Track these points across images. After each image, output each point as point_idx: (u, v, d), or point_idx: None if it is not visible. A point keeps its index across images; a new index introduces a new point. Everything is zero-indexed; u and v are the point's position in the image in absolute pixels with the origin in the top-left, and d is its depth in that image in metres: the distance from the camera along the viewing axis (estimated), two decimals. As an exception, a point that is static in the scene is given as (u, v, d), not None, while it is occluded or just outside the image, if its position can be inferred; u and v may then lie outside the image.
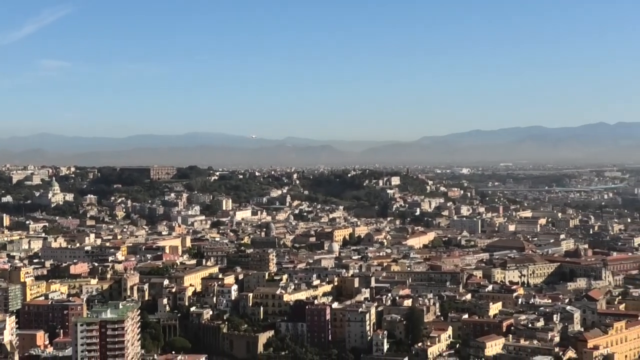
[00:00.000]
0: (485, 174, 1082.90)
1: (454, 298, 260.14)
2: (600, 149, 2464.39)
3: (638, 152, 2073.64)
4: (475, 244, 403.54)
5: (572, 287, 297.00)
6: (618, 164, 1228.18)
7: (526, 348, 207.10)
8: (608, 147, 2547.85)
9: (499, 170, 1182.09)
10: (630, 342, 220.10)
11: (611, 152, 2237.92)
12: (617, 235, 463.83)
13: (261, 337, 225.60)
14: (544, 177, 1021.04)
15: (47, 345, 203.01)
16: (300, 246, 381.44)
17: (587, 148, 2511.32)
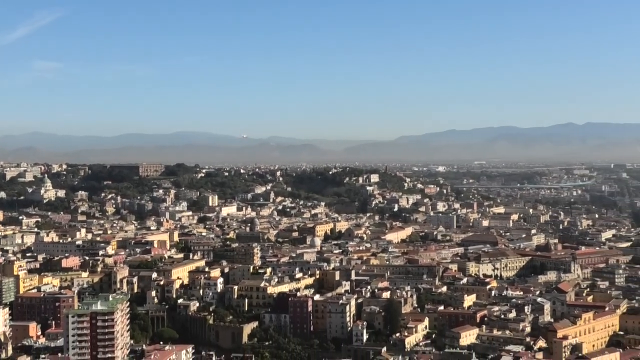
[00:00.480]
0: (460, 171, 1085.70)
1: (431, 290, 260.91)
2: (569, 148, 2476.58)
3: (605, 151, 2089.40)
4: (451, 239, 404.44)
5: (543, 279, 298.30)
6: (586, 163, 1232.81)
7: (499, 338, 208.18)
8: (577, 146, 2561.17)
9: (473, 168, 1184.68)
10: (598, 332, 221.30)
11: (580, 151, 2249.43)
12: (586, 230, 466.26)
13: (246, 328, 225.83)
14: (516, 174, 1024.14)
15: (39, 336, 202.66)
16: (283, 241, 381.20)
17: (557, 147, 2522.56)
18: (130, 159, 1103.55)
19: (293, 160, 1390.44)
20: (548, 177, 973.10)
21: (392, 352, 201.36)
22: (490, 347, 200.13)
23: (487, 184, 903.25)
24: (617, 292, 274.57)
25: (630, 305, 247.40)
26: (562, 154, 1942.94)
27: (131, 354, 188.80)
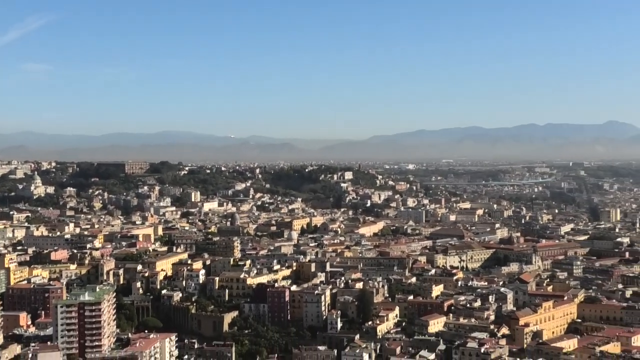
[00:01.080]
0: (429, 169, 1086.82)
1: (401, 281, 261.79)
2: (531, 147, 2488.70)
3: (565, 150, 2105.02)
4: (420, 233, 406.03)
5: (506, 270, 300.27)
6: (547, 161, 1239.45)
7: (465, 325, 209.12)
8: (538, 145, 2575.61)
9: (441, 167, 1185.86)
10: (557, 319, 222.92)
11: (541, 150, 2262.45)
12: (546, 225, 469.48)
13: (226, 317, 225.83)
14: (481, 172, 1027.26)
15: (29, 326, 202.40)
16: (262, 234, 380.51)
17: (520, 146, 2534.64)
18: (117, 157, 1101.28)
19: (272, 159, 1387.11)
20: (511, 175, 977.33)
21: (365, 339, 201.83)
22: (456, 334, 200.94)
23: (454, 181, 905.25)
24: (575, 282, 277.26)
25: (587, 294, 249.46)
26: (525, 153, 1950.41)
27: (117, 342, 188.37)
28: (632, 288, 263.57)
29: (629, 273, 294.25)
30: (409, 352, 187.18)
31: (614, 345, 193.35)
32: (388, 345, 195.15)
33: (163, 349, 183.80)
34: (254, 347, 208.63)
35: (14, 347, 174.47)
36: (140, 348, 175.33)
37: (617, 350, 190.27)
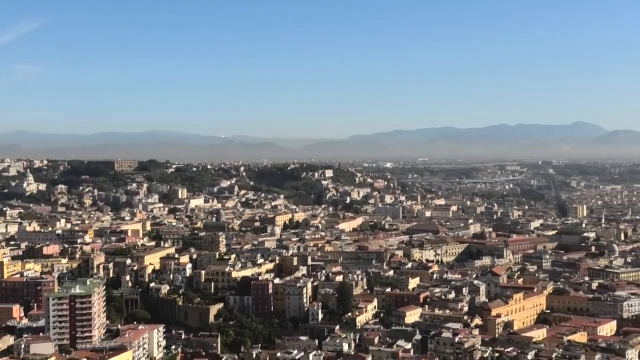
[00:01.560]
0: (406, 167, 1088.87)
1: (379, 274, 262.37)
2: (502, 146, 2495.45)
3: (534, 150, 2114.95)
4: (397, 228, 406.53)
5: (479, 264, 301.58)
6: (517, 160, 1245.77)
7: (440, 316, 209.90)
8: (509, 145, 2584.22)
9: (417, 165, 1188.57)
10: (527, 310, 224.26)
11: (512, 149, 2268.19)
12: (517, 220, 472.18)
13: (212, 309, 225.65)
14: (455, 170, 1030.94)
15: (22, 317, 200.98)
16: (246, 230, 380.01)
17: (492, 146, 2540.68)
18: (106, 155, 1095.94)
19: (255, 157, 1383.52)
20: (484, 173, 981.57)
21: (345, 330, 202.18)
22: (432, 324, 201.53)
23: (430, 178, 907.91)
24: (544, 275, 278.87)
25: (556, 286, 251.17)
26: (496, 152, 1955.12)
27: (107, 333, 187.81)
28: (598, 280, 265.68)
29: (595, 266, 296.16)
30: (387, 342, 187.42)
31: (580, 335, 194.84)
32: (367, 335, 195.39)
33: (151, 340, 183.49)
34: (238, 338, 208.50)
35: (7, 338, 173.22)
36: (129, 339, 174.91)
37: (584, 340, 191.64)
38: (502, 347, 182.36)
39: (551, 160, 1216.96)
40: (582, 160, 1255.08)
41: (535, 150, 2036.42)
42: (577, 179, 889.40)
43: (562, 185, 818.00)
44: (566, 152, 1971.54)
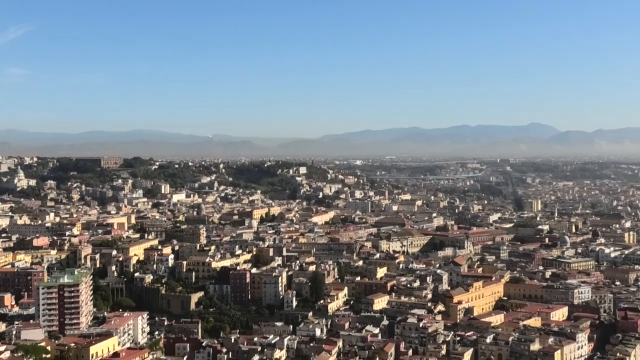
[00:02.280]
0: (374, 165, 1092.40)
1: (349, 264, 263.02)
2: (464, 145, 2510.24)
3: (493, 148, 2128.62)
4: (366, 221, 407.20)
5: (442, 254, 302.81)
6: (477, 158, 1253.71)
7: (405, 303, 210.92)
8: (470, 144, 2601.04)
9: (385, 162, 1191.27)
10: (486, 297, 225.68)
11: (472, 148, 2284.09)
12: (477, 214, 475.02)
13: (193, 297, 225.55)
14: (420, 168, 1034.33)
15: (13, 306, 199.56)
16: (225, 223, 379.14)
17: (454, 145, 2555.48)
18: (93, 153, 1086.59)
19: (234, 155, 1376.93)
20: (446, 170, 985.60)
21: (317, 316, 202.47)
22: (398, 311, 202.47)
23: (396, 175, 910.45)
24: (502, 264, 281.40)
25: (512, 275, 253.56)
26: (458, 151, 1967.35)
27: (94, 320, 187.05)
28: (551, 270, 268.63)
29: (548, 256, 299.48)
30: (357, 327, 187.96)
31: (535, 320, 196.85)
32: (338, 321, 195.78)
33: (136, 326, 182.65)
34: (218, 324, 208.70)
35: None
36: (115, 325, 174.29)
37: (538, 324, 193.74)
38: (463, 331, 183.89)
39: (508, 158, 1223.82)
40: (537, 159, 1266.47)
41: (493, 149, 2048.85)
42: (532, 175, 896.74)
43: (519, 181, 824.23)
44: (522, 151, 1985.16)
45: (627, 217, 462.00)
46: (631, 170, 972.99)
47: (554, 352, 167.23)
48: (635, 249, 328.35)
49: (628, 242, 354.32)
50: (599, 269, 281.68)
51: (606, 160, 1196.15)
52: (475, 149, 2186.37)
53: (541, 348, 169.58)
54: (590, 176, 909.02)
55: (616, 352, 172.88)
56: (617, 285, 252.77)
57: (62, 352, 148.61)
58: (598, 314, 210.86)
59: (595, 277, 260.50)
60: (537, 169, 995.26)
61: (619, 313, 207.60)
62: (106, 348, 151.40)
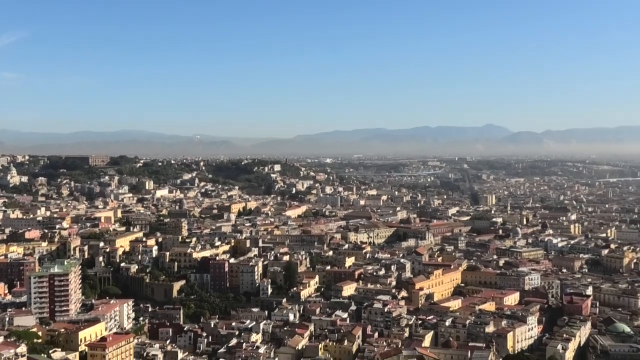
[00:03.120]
0: (343, 163, 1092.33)
1: (320, 254, 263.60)
2: (425, 145, 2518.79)
3: (452, 148, 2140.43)
4: (336, 214, 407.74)
5: (405, 245, 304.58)
6: (437, 156, 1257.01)
7: (372, 290, 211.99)
8: (430, 144, 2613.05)
9: (353, 161, 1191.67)
10: (446, 284, 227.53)
11: (433, 147, 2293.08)
12: (437, 208, 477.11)
13: (175, 285, 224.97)
14: (385, 165, 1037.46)
15: (6, 294, 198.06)
16: (205, 216, 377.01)
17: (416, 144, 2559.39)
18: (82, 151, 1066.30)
19: (213, 154, 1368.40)
20: (409, 168, 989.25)
21: (291, 302, 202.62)
22: (365, 297, 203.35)
23: (364, 172, 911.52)
24: (460, 254, 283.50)
25: (469, 263, 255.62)
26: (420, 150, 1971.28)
27: (83, 307, 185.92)
28: (504, 258, 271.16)
29: (502, 246, 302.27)
30: (327, 312, 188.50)
31: (489, 304, 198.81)
32: (309, 306, 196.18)
33: (122, 312, 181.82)
34: (198, 310, 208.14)
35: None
36: (102, 312, 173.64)
37: (492, 309, 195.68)
38: (424, 315, 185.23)
39: (466, 157, 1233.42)
40: (491, 157, 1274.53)
41: (452, 149, 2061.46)
42: (487, 173, 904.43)
43: (475, 178, 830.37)
44: (478, 150, 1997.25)
45: (573, 211, 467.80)
46: (576, 168, 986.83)
47: (507, 334, 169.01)
48: (580, 239, 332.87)
49: (574, 233, 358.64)
50: (548, 258, 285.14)
51: (554, 158, 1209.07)
52: (436, 148, 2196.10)
53: (495, 330, 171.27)
54: (540, 173, 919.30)
55: (563, 333, 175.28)
56: (564, 272, 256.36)
57: (52, 337, 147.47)
58: (546, 298, 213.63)
59: (544, 265, 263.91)
60: (492, 166, 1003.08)
61: (565, 298, 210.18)
62: (94, 333, 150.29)
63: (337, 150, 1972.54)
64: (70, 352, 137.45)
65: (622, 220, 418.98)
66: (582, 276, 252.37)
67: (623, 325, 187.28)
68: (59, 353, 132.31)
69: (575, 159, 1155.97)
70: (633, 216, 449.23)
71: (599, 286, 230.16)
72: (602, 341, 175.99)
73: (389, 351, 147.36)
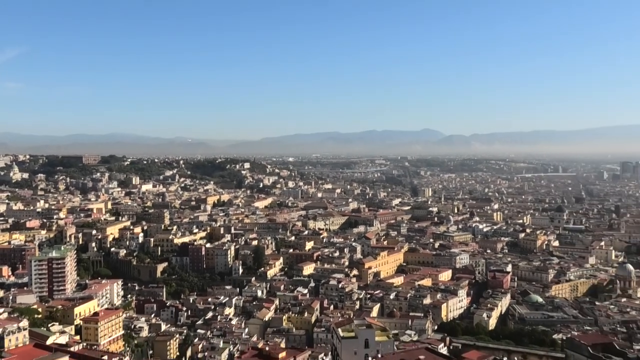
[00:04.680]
0: (303, 161, 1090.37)
1: (284, 239, 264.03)
2: (373, 146, 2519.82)
3: (395, 148, 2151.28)
4: (297, 205, 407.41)
5: (356, 231, 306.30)
6: (383, 156, 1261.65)
7: (328, 269, 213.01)
8: (378, 145, 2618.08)
9: (312, 159, 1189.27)
10: (390, 263, 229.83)
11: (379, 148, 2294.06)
12: (383, 199, 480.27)
13: (159, 267, 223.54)
14: (339, 163, 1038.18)
15: (10, 276, 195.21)
16: (184, 207, 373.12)
17: (365, 145, 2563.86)
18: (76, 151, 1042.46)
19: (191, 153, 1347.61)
20: (359, 165, 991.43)
21: (259, 281, 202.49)
22: (322, 275, 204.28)
23: (321, 169, 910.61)
24: (402, 238, 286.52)
25: (410, 246, 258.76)
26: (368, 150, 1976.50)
27: (77, 286, 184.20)
28: (439, 241, 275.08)
29: (437, 231, 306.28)
30: (290, 289, 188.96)
31: (427, 280, 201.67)
32: (275, 284, 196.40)
33: (112, 291, 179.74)
34: (179, 288, 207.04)
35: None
36: (95, 290, 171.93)
37: (429, 284, 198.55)
38: (372, 290, 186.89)
39: (407, 156, 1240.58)
40: (428, 156, 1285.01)
41: (395, 149, 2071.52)
42: (424, 169, 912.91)
43: (414, 174, 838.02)
44: (417, 151, 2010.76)
45: (495, 201, 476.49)
46: (498, 165, 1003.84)
47: (441, 305, 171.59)
48: (501, 225, 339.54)
49: (496, 219, 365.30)
50: (475, 241, 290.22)
51: (480, 157, 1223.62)
52: (382, 148, 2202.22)
53: (431, 302, 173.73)
54: (468, 170, 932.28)
55: (487, 304, 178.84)
56: (488, 252, 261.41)
57: (51, 313, 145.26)
58: (474, 275, 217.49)
59: (472, 247, 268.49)
60: (428, 164, 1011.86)
61: (489, 274, 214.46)
62: (88, 309, 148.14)
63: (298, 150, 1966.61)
64: (67, 325, 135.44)
65: (535, 209, 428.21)
66: (503, 256, 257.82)
67: (536, 296, 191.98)
68: (57, 327, 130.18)
69: (497, 158, 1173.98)
70: (544, 205, 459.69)
71: (516, 264, 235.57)
72: (519, 310, 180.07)
73: (343, 321, 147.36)
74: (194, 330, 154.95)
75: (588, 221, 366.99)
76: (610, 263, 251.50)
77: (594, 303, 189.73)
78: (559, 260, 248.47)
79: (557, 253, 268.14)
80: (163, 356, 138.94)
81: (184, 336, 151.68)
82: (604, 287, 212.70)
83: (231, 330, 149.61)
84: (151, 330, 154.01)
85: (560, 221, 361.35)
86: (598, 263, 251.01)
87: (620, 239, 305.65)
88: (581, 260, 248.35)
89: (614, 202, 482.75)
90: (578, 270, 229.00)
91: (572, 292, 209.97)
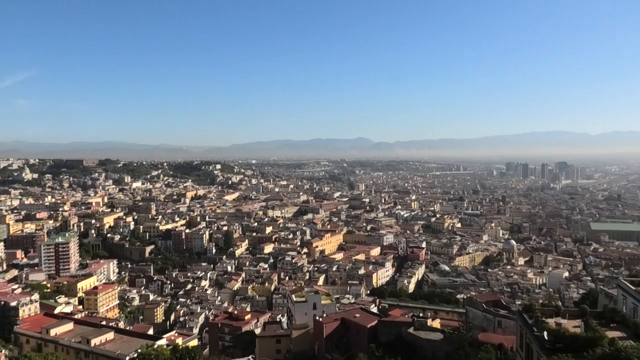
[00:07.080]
0: (264, 163, 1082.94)
1: (249, 225, 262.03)
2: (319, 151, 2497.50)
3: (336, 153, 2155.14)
4: (259, 198, 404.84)
5: (306, 218, 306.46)
6: (327, 158, 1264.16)
7: (284, 248, 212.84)
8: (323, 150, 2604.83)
9: (271, 162, 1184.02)
10: (333, 243, 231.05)
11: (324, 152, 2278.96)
12: (327, 192, 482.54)
13: (147, 249, 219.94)
14: (292, 164, 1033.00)
15: (23, 258, 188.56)
16: (168, 201, 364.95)
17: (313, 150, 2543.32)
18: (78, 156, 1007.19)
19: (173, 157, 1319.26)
20: (308, 166, 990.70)
21: (229, 259, 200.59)
22: (279, 253, 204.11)
23: (278, 169, 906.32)
24: (342, 223, 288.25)
25: (348, 229, 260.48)
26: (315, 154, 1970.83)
27: (80, 266, 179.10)
28: (371, 225, 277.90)
29: (369, 217, 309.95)
30: (254, 264, 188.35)
31: (361, 255, 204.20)
32: (242, 261, 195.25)
33: (109, 269, 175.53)
34: (164, 265, 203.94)
35: (13, 271, 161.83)
36: (94, 269, 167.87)
37: (363, 258, 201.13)
38: (318, 264, 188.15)
39: (345, 159, 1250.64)
40: (362, 159, 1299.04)
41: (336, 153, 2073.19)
42: (359, 169, 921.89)
43: (351, 173, 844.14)
44: (353, 154, 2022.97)
45: (413, 193, 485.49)
46: (415, 166, 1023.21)
47: (372, 274, 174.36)
48: (417, 211, 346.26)
49: (414, 207, 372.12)
50: (398, 224, 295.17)
51: (401, 160, 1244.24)
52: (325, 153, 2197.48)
53: (365, 272, 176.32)
54: (392, 169, 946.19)
55: (407, 273, 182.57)
56: (408, 233, 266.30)
57: (58, 287, 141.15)
58: (397, 250, 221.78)
59: (395, 229, 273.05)
60: (362, 165, 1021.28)
61: (409, 249, 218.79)
62: (89, 284, 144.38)
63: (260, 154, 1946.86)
64: (72, 297, 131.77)
65: (443, 199, 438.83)
66: (419, 235, 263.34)
67: (444, 266, 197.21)
68: (63, 299, 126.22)
69: (414, 160, 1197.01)
70: (450, 196, 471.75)
71: (429, 241, 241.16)
72: (432, 276, 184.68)
73: (296, 289, 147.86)
74: (177, 299, 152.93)
75: (482, 208, 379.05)
76: (499, 239, 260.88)
77: (487, 270, 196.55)
78: (461, 237, 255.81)
79: (459, 232, 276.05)
80: (151, 320, 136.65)
81: (168, 304, 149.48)
82: (494, 258, 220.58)
83: (207, 299, 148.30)
84: (141, 300, 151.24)
85: (461, 208, 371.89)
86: (490, 239, 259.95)
87: (506, 221, 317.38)
88: (477, 238, 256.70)
89: (501, 193, 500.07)
90: (475, 245, 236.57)
91: (471, 262, 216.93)
